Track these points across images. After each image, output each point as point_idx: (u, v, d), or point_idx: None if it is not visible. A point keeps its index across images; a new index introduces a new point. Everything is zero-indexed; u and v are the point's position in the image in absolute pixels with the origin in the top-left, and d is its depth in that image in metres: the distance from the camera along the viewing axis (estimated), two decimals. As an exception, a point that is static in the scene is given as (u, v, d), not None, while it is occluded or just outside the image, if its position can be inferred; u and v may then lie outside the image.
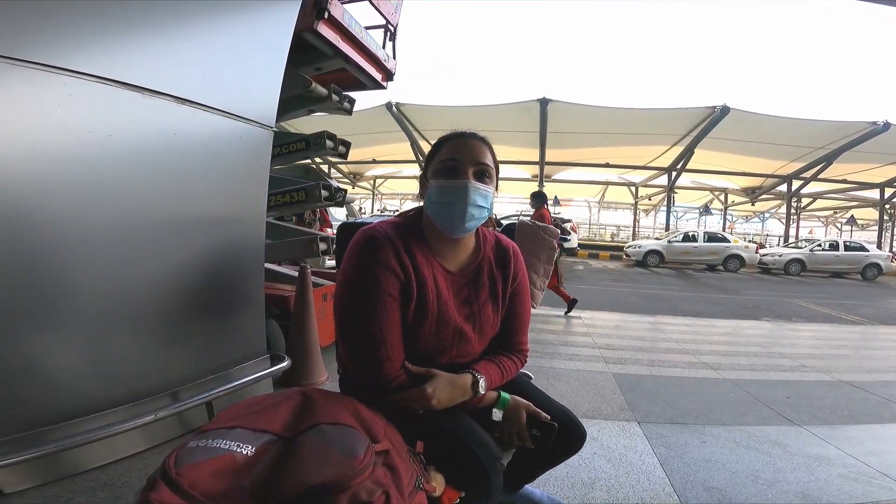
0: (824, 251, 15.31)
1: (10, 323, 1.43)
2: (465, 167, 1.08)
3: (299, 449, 0.79)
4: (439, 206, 1.09)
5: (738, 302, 8.06)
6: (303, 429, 0.84)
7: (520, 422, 1.10)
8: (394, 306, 1.04)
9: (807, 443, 2.26)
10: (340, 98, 3.24)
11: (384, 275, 1.03)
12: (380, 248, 1.05)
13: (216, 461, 0.74)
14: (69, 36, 1.47)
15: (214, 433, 0.80)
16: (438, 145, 1.15)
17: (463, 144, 1.11)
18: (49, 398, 1.53)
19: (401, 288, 1.05)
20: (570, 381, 3.00)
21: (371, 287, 1.02)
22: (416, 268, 1.08)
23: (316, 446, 0.79)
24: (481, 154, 1.11)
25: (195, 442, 0.79)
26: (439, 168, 1.11)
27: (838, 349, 4.44)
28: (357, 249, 1.06)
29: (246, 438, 0.80)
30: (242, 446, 0.78)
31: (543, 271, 2.27)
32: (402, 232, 1.10)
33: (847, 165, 18.28)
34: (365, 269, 1.03)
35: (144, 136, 1.71)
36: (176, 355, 1.93)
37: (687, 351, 3.96)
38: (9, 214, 1.39)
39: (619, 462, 1.98)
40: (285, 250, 3.30)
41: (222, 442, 0.78)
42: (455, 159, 1.09)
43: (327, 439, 0.81)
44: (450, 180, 1.08)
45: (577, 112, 16.56)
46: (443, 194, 1.08)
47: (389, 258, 1.04)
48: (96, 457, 1.66)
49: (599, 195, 31.57)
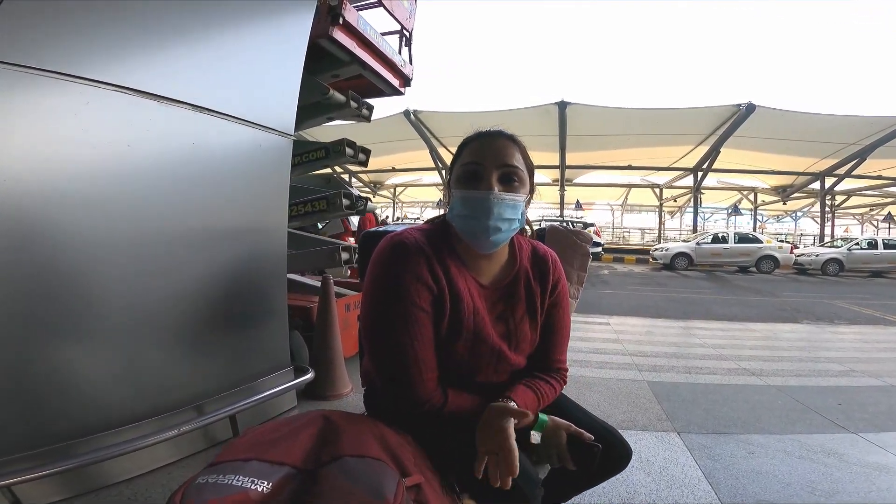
0: (863, 250, 14.70)
1: (36, 337, 1.43)
2: (488, 172, 0.96)
3: (321, 487, 0.70)
4: (462, 220, 0.97)
5: (774, 304, 7.72)
6: (326, 460, 0.75)
7: (560, 444, 0.98)
8: (426, 321, 0.94)
9: (864, 451, 2.10)
10: (359, 104, 3.23)
11: (415, 286, 0.93)
12: (410, 257, 0.94)
13: (228, 500, 0.67)
14: (85, 44, 1.47)
15: (227, 466, 0.72)
16: (462, 148, 1.03)
17: (486, 145, 0.99)
18: (75, 412, 1.53)
19: (433, 301, 0.95)
20: (602, 390, 2.88)
21: (402, 300, 0.92)
22: (451, 280, 0.98)
23: (339, 484, 0.70)
24: (507, 155, 0.98)
25: (205, 477, 0.71)
26: (461, 174, 0.99)
27: (887, 352, 4.17)
28: (385, 258, 0.96)
29: (262, 473, 0.71)
30: (258, 482, 0.69)
31: (577, 278, 2.16)
32: (432, 240, 1.00)
33: (882, 161, 17.60)
34: (394, 280, 0.93)
35: (163, 145, 1.70)
36: (200, 368, 1.91)
37: (725, 356, 3.77)
38: (29, 226, 1.39)
39: (659, 476, 1.86)
40: (308, 260, 3.28)
41: (235, 478, 0.69)
42: (477, 163, 0.97)
43: (352, 476, 0.72)
44: (471, 191, 0.96)
45: (596, 114, 16.41)
46: (465, 206, 0.96)
47: (421, 268, 0.94)
48: (121, 470, 1.65)
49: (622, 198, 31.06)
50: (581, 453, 0.98)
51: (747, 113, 15.46)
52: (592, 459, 0.97)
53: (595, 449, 0.97)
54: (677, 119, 16.48)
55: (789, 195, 22.88)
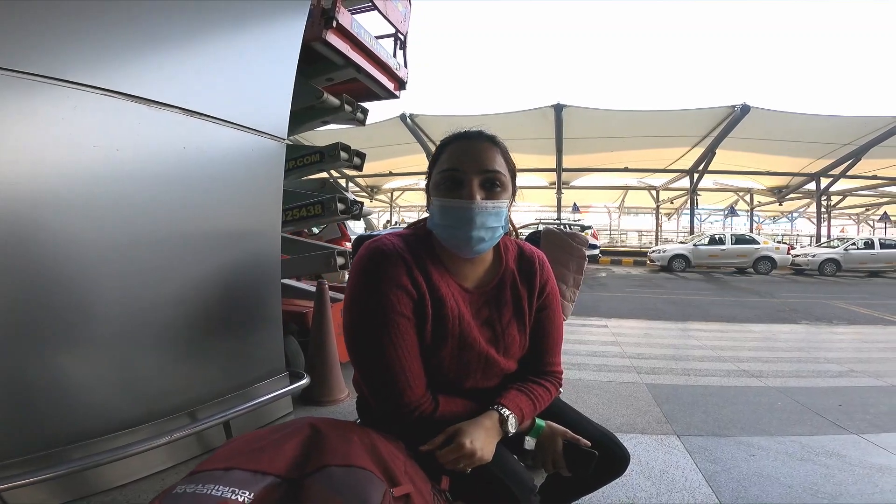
0: (859, 250, 14.76)
1: (28, 342, 1.42)
2: (469, 178, 0.92)
3: (305, 497, 0.67)
4: (443, 230, 0.94)
5: (773, 305, 7.71)
6: (310, 470, 0.72)
7: (556, 450, 0.96)
8: (408, 327, 0.91)
9: (867, 452, 2.08)
10: (353, 108, 3.21)
11: (395, 293, 0.90)
12: (389, 264, 0.91)
13: None
14: (73, 48, 1.44)
15: (207, 476, 0.69)
16: (440, 150, 0.98)
17: (466, 148, 0.94)
18: (67, 417, 1.52)
19: (414, 307, 0.92)
20: (600, 393, 2.85)
21: (382, 308, 0.89)
22: (432, 285, 0.94)
23: (324, 494, 0.67)
24: (488, 159, 0.93)
25: (182, 487, 0.67)
26: (439, 180, 0.95)
27: (887, 352, 4.16)
28: (364, 265, 0.93)
29: (243, 482, 0.68)
30: (238, 492, 0.65)
31: (573, 281, 2.14)
32: (412, 245, 0.97)
33: (876, 161, 17.66)
34: (374, 287, 0.90)
35: (153, 149, 1.68)
36: (193, 374, 1.89)
37: (724, 358, 3.76)
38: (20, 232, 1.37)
39: (659, 479, 1.84)
40: (303, 265, 3.25)
41: (214, 487, 0.66)
42: (456, 170, 0.93)
43: (337, 486, 0.69)
44: (451, 199, 0.92)
45: (592, 116, 16.43)
46: (446, 216, 0.93)
47: (400, 275, 0.91)
48: (114, 476, 1.64)
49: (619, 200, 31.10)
50: (577, 459, 0.96)
51: (742, 114, 15.52)
52: (588, 466, 0.95)
53: (591, 456, 0.95)
54: (673, 121, 16.52)
55: (785, 196, 22.93)
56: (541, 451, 0.99)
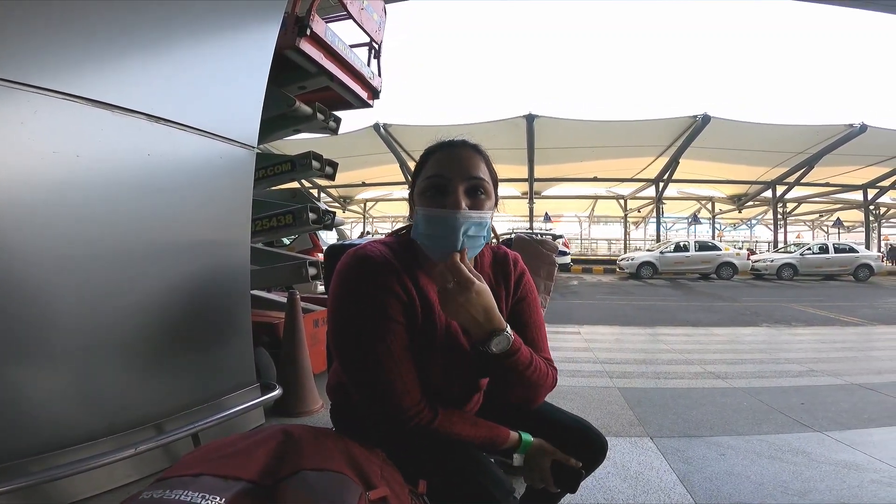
0: (815, 254, 15.42)
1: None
2: (454, 185, 0.91)
3: (279, 501, 0.65)
4: (428, 239, 0.92)
5: (735, 309, 8.00)
6: (285, 474, 0.70)
7: (543, 468, 0.96)
8: (401, 332, 0.90)
9: (831, 449, 2.16)
10: (326, 116, 3.18)
11: (387, 298, 0.89)
12: (378, 270, 0.90)
13: None
14: (33, 50, 1.39)
15: (175, 481, 0.66)
16: (424, 158, 0.98)
17: (451, 156, 0.94)
18: (27, 429, 1.46)
19: (404, 311, 0.91)
20: (574, 398, 2.88)
21: (374, 312, 0.87)
22: (421, 291, 0.94)
23: (298, 498, 0.65)
24: (473, 166, 0.94)
25: (150, 493, 0.64)
26: (425, 188, 0.94)
27: (844, 351, 4.36)
28: (351, 273, 0.91)
29: (214, 488, 0.64)
30: (209, 497, 0.62)
31: (544, 287, 2.18)
32: (398, 253, 0.96)
33: (829, 168, 18.64)
34: (365, 295, 0.88)
35: (116, 156, 1.62)
36: (160, 386, 1.84)
37: (691, 361, 3.86)
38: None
39: (635, 481, 1.86)
40: (274, 276, 3.18)
41: (183, 493, 0.62)
42: (442, 176, 0.92)
43: (312, 489, 0.67)
44: (437, 209, 0.91)
45: (563, 127, 16.77)
46: (431, 226, 0.91)
47: (392, 281, 0.90)
48: (76, 490, 1.57)
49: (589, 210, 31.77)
50: (564, 475, 0.96)
51: (703, 124, 16.13)
52: (576, 482, 0.95)
53: (579, 473, 0.96)
54: (639, 130, 17.02)
55: (744, 203, 23.92)
56: (528, 468, 0.98)
